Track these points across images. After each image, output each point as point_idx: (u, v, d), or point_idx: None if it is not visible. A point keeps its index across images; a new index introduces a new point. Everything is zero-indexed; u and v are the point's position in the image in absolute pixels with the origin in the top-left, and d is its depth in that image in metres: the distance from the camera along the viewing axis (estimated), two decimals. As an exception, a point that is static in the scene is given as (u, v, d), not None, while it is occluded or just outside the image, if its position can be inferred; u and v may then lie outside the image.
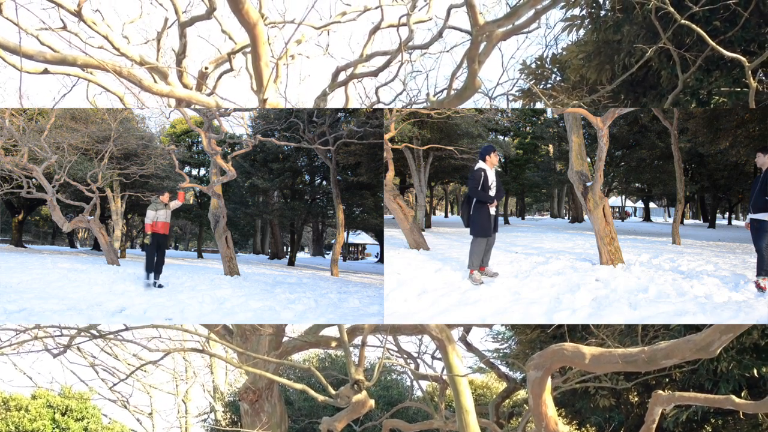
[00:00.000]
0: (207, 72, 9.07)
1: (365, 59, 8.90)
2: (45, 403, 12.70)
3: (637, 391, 8.14)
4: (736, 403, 3.71)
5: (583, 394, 8.24)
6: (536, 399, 3.68)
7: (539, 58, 9.60)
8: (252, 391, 6.98)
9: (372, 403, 4.34)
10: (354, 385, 4.10)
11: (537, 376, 3.59)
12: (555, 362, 3.56)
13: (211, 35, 33.89)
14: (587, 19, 8.29)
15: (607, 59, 8.11)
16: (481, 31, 4.43)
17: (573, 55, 8.59)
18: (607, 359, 3.37)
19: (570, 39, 9.36)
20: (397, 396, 12.09)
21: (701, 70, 7.05)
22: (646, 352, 3.30)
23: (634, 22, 7.40)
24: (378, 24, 8.88)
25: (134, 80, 5.55)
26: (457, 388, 6.00)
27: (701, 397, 4.03)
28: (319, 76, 42.26)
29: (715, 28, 6.72)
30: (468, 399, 6.00)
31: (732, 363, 6.68)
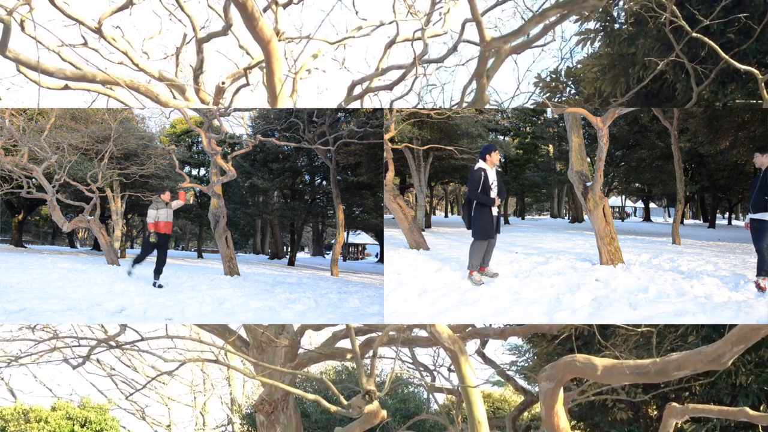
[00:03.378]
0: (224, 87, 9.10)
1: (380, 73, 8.90)
2: (64, 414, 12.79)
3: (656, 405, 8.08)
4: (751, 415, 3.72)
5: (601, 407, 8.19)
6: (548, 411, 3.69)
7: (554, 72, 9.60)
8: (268, 403, 7.03)
9: (384, 414, 4.36)
10: (365, 395, 4.11)
11: (549, 388, 3.59)
12: (567, 373, 3.57)
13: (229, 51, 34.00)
14: (601, 32, 8.28)
15: (621, 72, 8.11)
16: (488, 47, 4.43)
17: (588, 68, 8.59)
18: (618, 371, 3.38)
19: (585, 52, 9.41)
20: (414, 409, 12.12)
21: (716, 82, 7.02)
22: (658, 363, 3.30)
23: (648, 35, 7.39)
24: (393, 39, 8.92)
25: (151, 96, 5.59)
26: (469, 399, 6.00)
27: (715, 410, 4.04)
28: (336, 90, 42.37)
29: (730, 40, 6.69)
30: (481, 411, 5.99)
31: (750, 377, 6.66)
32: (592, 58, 8.60)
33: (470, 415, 6.01)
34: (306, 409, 12.07)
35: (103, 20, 7.57)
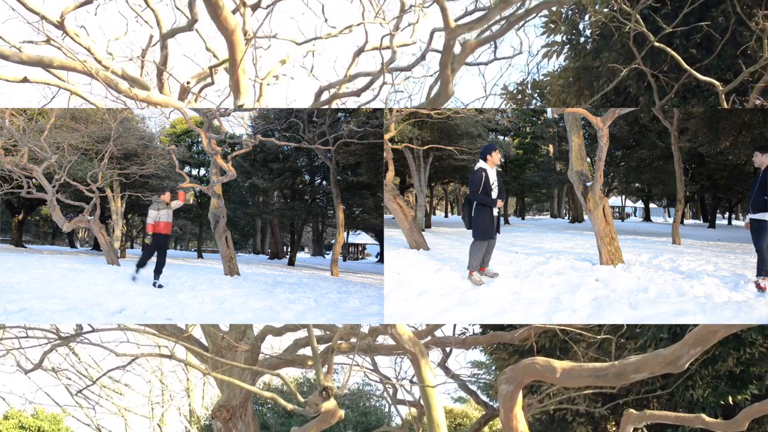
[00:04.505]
0: (189, 87, 9.06)
1: (348, 80, 8.91)
2: (17, 423, 12.63)
3: (615, 420, 8.10)
4: (707, 422, 3.73)
5: (560, 421, 8.22)
6: (507, 413, 3.69)
7: (520, 84, 9.71)
8: (225, 409, 6.89)
9: (342, 414, 4.29)
10: (322, 392, 4.02)
11: (509, 390, 3.60)
12: (527, 376, 3.57)
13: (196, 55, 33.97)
14: (567, 45, 8.37)
15: (586, 85, 8.24)
16: (452, 35, 4.45)
17: (554, 81, 8.69)
18: (577, 373, 3.38)
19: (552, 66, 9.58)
20: (375, 422, 12.10)
21: (678, 96, 7.08)
22: (616, 366, 3.31)
23: (613, 49, 7.49)
24: (362, 47, 8.93)
25: (111, 83, 5.54)
26: (429, 402, 5.94)
27: (672, 416, 4.06)
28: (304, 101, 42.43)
29: (692, 55, 6.77)
30: (440, 414, 5.93)
31: (707, 390, 6.69)
32: (558, 71, 8.71)
33: (429, 418, 5.92)
34: (266, 422, 11.98)
35: (66, 14, 7.38)
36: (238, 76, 5.10)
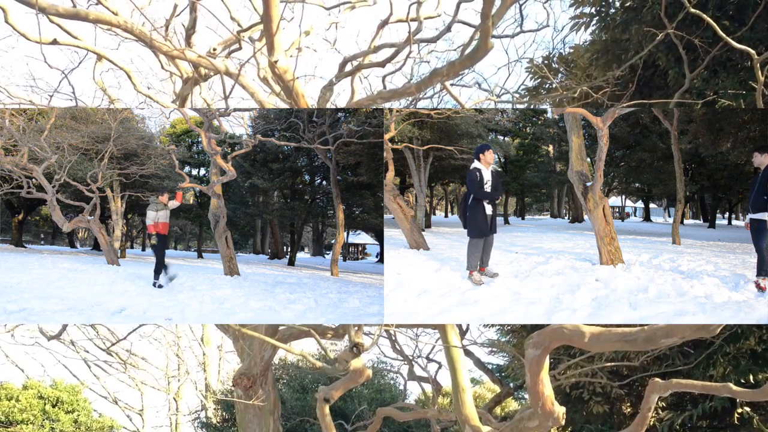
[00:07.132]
0: (215, 54, 8.97)
1: (373, 51, 8.87)
2: (36, 393, 12.64)
3: (630, 402, 8.09)
4: (734, 390, 3.65)
5: (576, 400, 8.21)
6: (534, 377, 3.63)
7: (546, 57, 9.59)
8: (246, 377, 6.98)
9: (370, 373, 4.28)
10: (353, 347, 4.00)
11: (535, 354, 3.53)
12: (554, 340, 3.50)
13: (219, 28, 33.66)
14: (596, 17, 8.27)
15: (614, 58, 8.09)
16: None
17: (580, 54, 8.58)
18: (606, 337, 3.31)
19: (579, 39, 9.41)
20: (390, 399, 12.09)
21: (708, 70, 7.03)
22: (646, 330, 3.24)
23: (643, 21, 7.40)
24: (387, 18, 8.88)
25: (145, 38, 5.51)
26: (454, 365, 5.77)
27: (698, 385, 3.99)
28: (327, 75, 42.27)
29: (724, 27, 6.72)
30: (465, 377, 5.73)
31: (729, 368, 6.65)
32: (586, 44, 8.59)
33: (454, 380, 5.74)
34: (282, 396, 12.00)
35: None
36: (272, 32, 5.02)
